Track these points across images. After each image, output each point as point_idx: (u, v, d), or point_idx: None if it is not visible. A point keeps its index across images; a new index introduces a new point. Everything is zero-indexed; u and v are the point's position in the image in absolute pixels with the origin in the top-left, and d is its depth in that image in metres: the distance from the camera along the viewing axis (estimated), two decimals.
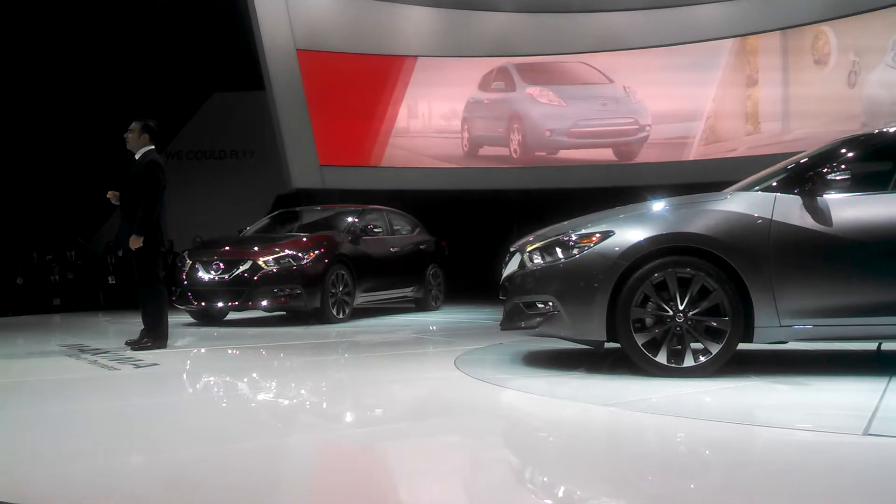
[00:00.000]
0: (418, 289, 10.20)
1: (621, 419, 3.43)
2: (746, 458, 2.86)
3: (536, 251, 4.57)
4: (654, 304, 4.17)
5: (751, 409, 3.57)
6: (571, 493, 2.53)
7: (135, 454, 2.99)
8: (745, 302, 4.09)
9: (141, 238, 6.11)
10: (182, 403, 4.22)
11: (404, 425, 3.58)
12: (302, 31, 15.29)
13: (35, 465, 2.79)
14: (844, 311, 4.06)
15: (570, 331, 4.40)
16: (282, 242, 8.64)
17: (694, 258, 4.15)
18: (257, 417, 3.82)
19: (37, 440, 3.20)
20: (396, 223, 10.38)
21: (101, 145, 14.96)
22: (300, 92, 15.22)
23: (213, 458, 2.87)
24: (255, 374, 5.23)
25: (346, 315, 8.68)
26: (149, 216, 6.14)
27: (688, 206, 4.38)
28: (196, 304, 8.48)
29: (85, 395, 4.36)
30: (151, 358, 5.63)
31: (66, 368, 5.33)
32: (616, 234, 4.28)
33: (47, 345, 6.97)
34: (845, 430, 3.02)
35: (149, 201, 6.15)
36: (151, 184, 6.19)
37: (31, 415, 3.76)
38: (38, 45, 15.95)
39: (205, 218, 15.88)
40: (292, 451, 3.12)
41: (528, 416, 3.74)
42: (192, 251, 8.94)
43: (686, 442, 3.06)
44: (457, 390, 4.31)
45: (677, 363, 4.14)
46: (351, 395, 4.46)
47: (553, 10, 15.81)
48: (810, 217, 4.11)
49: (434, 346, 6.71)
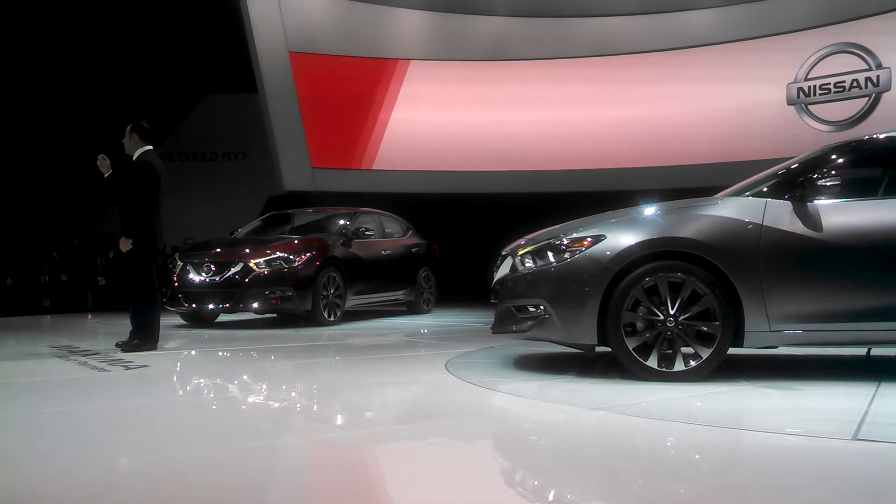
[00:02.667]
0: (410, 292, 10.20)
1: (612, 423, 3.43)
2: (736, 462, 2.87)
3: (528, 255, 4.57)
4: (645, 308, 4.18)
5: (741, 413, 3.58)
6: (562, 496, 2.53)
7: (125, 456, 2.98)
8: (736, 306, 4.10)
9: (130, 240, 6.08)
10: (172, 405, 4.20)
11: (395, 428, 3.58)
12: (295, 34, 15.29)
13: (25, 467, 2.77)
14: (834, 316, 4.08)
15: (561, 334, 4.40)
16: (273, 245, 8.63)
17: (685, 263, 4.16)
18: (248, 420, 3.81)
19: (26, 442, 3.18)
20: (388, 226, 10.38)
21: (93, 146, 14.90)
22: (293, 94, 15.22)
23: (203, 460, 2.86)
24: (245, 377, 5.21)
25: (337, 317, 8.67)
26: (138, 218, 6.10)
27: (679, 210, 4.39)
28: (187, 305, 8.45)
29: (75, 397, 4.33)
30: (141, 360, 5.60)
31: (56, 370, 5.29)
32: (608, 238, 4.29)
33: (37, 346, 6.93)
34: (835, 434, 3.03)
35: (137, 203, 6.12)
36: (140, 185, 6.14)
37: (21, 416, 3.74)
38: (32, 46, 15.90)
39: (196, 219, 15.85)
40: (283, 453, 3.11)
41: (519, 420, 3.74)
42: (184, 253, 8.92)
43: (676, 446, 3.07)
44: (447, 393, 4.31)
45: (668, 367, 4.15)
46: (341, 397, 4.45)
47: (546, 14, 15.86)
48: (801, 222, 4.13)
49: (425, 349, 6.70)
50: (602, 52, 15.59)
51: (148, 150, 6.28)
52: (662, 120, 15.23)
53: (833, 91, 14.01)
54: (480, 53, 15.95)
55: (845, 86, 13.87)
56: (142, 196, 6.12)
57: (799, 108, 14.29)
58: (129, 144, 6.30)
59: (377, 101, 15.82)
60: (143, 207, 6.12)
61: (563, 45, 15.79)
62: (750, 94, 14.65)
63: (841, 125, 13.75)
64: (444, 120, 15.86)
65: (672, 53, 15.31)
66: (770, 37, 14.53)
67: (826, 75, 14.08)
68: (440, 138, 15.76)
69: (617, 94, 15.52)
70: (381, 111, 15.85)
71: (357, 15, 15.82)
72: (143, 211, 6.11)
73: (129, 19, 16.61)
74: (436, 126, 15.83)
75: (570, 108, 15.74)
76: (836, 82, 13.96)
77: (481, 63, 15.94)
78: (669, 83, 15.24)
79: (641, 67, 15.38)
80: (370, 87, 15.78)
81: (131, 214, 6.13)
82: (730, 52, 14.88)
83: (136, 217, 6.11)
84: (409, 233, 10.71)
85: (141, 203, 6.12)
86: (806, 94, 14.25)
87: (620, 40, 15.51)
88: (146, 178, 6.15)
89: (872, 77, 13.62)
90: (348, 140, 15.70)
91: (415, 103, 15.92)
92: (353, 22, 15.81)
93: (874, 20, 13.66)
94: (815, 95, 14.18)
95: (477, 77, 15.91)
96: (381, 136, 15.80)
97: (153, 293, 6.22)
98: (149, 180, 6.15)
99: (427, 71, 15.96)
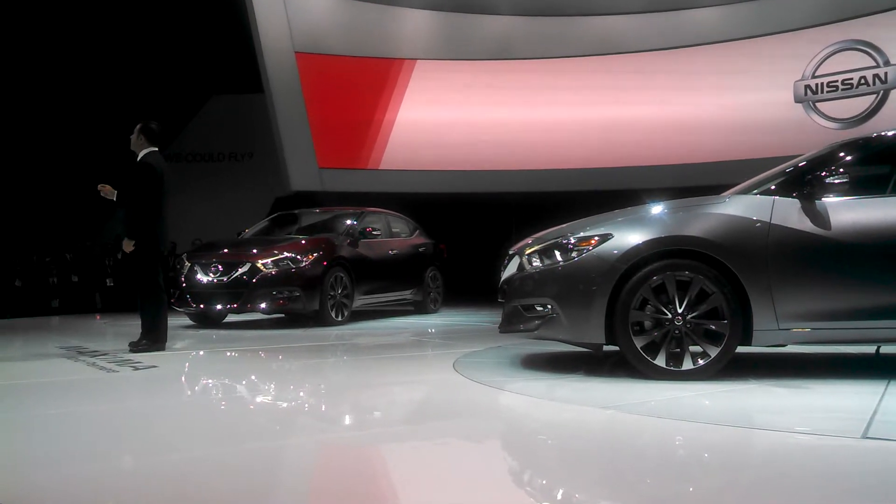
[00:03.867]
0: (417, 291, 10.20)
1: (620, 422, 3.43)
2: (745, 461, 2.86)
3: (535, 254, 4.57)
4: (653, 307, 4.17)
5: (749, 412, 3.57)
6: (570, 495, 2.52)
7: (133, 456, 2.99)
8: (744, 305, 4.09)
9: (132, 242, 6.09)
10: (180, 406, 4.22)
11: (403, 428, 3.58)
12: (301, 34, 15.31)
13: (34, 467, 2.78)
14: (843, 314, 4.06)
15: (568, 334, 4.40)
16: (281, 245, 8.64)
17: (692, 261, 4.15)
18: (256, 420, 3.81)
19: (35, 442, 3.19)
20: (395, 226, 10.38)
21: (101, 147, 14.97)
22: (299, 94, 15.24)
23: (211, 461, 2.86)
24: (253, 377, 5.22)
25: (344, 317, 8.68)
26: (140, 219, 6.12)
27: (686, 209, 4.38)
28: (195, 306, 8.48)
29: (84, 398, 4.35)
30: (150, 360, 5.62)
31: (64, 370, 5.32)
32: (615, 237, 4.29)
33: (46, 347, 6.96)
34: (844, 433, 3.02)
35: (138, 204, 6.14)
36: (141, 186, 6.16)
37: (30, 417, 3.76)
38: (38, 48, 15.96)
39: (203, 220, 15.90)
40: (291, 453, 3.12)
41: (527, 419, 3.74)
42: (191, 253, 8.94)
43: (684, 445, 3.06)
44: (455, 393, 4.30)
45: (676, 366, 4.15)
46: (349, 397, 4.45)
47: (551, 13, 15.84)
48: (809, 220, 4.11)
49: (433, 348, 6.70)
50: (609, 50, 15.56)
51: (152, 152, 6.29)
52: (669, 118, 15.18)
53: (841, 88, 13.94)
54: (486, 53, 15.94)
55: (853, 83, 13.80)
56: (142, 197, 6.14)
57: (806, 106, 14.24)
58: (136, 144, 6.32)
59: (383, 101, 15.83)
60: (144, 208, 6.13)
61: (569, 44, 15.77)
62: (757, 92, 14.60)
63: (849, 122, 13.69)
64: (451, 119, 15.85)
65: (679, 52, 15.27)
66: (777, 34, 14.48)
67: (834, 73, 14.01)
68: (447, 138, 15.75)
69: (624, 93, 15.48)
70: (388, 111, 15.85)
71: (363, 15, 15.83)
72: (144, 212, 6.12)
73: (135, 21, 16.66)
74: (442, 125, 15.82)
75: (577, 106, 15.71)
76: (844, 79, 13.90)
77: (487, 62, 15.92)
78: (676, 81, 15.20)
79: (648, 66, 15.34)
80: (376, 87, 15.78)
81: (133, 216, 6.16)
82: (737, 50, 14.83)
83: (137, 218, 6.13)
84: (416, 232, 10.71)
85: (142, 204, 6.13)
86: (813, 91, 14.19)
87: (627, 39, 15.47)
88: (147, 179, 6.16)
89: (880, 74, 13.55)
90: (355, 140, 15.72)
91: (421, 103, 15.92)
92: (359, 22, 15.82)
93: (882, 17, 13.59)
94: (822, 93, 14.12)
95: (483, 76, 15.90)
96: (387, 136, 15.80)
97: (158, 294, 6.22)
98: (149, 181, 6.16)
99: (433, 70, 15.96)
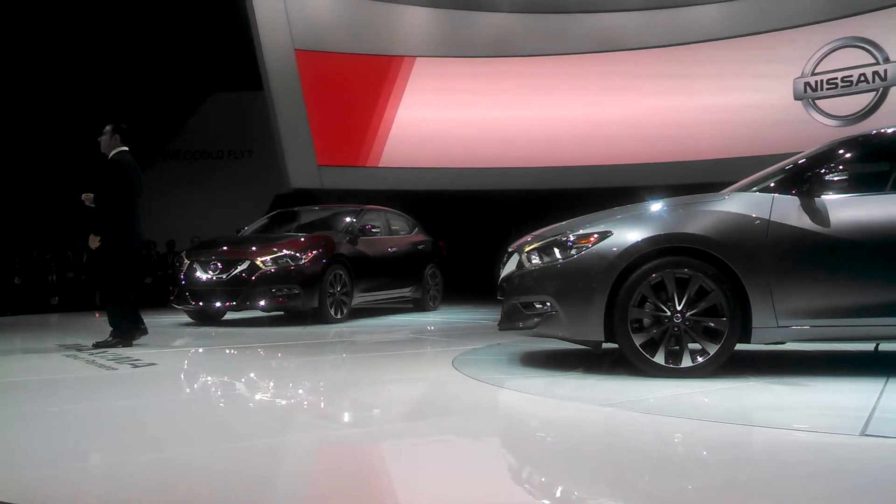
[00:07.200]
0: (416, 289, 10.20)
1: (619, 419, 3.43)
2: (744, 458, 2.86)
3: (534, 251, 4.57)
4: (652, 304, 4.18)
5: (748, 409, 3.57)
6: (569, 493, 2.53)
7: (132, 454, 2.98)
8: (743, 302, 4.09)
9: (98, 238, 6.17)
10: (179, 403, 4.22)
11: (402, 425, 3.58)
12: (300, 32, 15.29)
13: (32, 465, 2.78)
14: (842, 311, 4.07)
15: (567, 331, 4.40)
16: (280, 242, 8.64)
17: (692, 259, 4.15)
18: (255, 417, 3.82)
19: (34, 440, 3.19)
20: (394, 223, 10.38)
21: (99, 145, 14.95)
22: (298, 92, 15.22)
23: (210, 458, 2.86)
24: (252, 374, 5.22)
25: (343, 315, 8.68)
26: (108, 216, 6.19)
27: (686, 206, 4.38)
28: (194, 304, 8.48)
29: (82, 395, 4.35)
30: (149, 358, 5.63)
31: (63, 368, 5.32)
32: (614, 234, 4.29)
33: (45, 344, 6.96)
34: (843, 430, 3.02)
35: (109, 202, 6.21)
36: (111, 184, 6.25)
37: (29, 414, 3.76)
38: (37, 45, 15.94)
39: (203, 217, 15.88)
40: (290, 451, 3.12)
41: (526, 417, 3.74)
42: (190, 251, 8.95)
43: (684, 442, 3.06)
44: (454, 390, 4.31)
45: (675, 364, 4.15)
46: (349, 395, 4.45)
47: (550, 10, 15.82)
48: (808, 218, 4.12)
49: (432, 346, 6.71)
50: (608, 47, 15.54)
51: (122, 151, 6.38)
52: (669, 116, 15.17)
53: (840, 86, 13.93)
54: (486, 50, 15.92)
55: (852, 80, 13.79)
56: (113, 195, 6.23)
57: (806, 103, 14.22)
58: (108, 144, 6.40)
59: (383, 99, 15.81)
60: (115, 206, 6.21)
61: (568, 41, 15.75)
62: (756, 90, 14.58)
63: (848, 120, 13.68)
64: (450, 117, 15.83)
65: (678, 49, 15.25)
66: (776, 31, 14.47)
67: (833, 70, 13.99)
68: (446, 135, 15.74)
69: (623, 90, 15.46)
70: (387, 108, 15.83)
71: (362, 12, 15.81)
72: (114, 210, 6.20)
73: (135, 18, 16.63)
74: (442, 123, 15.80)
75: (576, 104, 15.70)
76: (844, 77, 13.88)
77: (487, 59, 15.90)
78: (675, 79, 15.18)
79: (647, 63, 15.32)
80: (376, 84, 15.77)
81: (103, 213, 6.24)
82: (736, 48, 14.81)
83: (107, 216, 6.21)
84: (415, 230, 10.71)
85: (112, 202, 6.21)
86: (813, 88, 14.18)
87: (626, 36, 15.45)
88: (117, 177, 6.26)
89: (880, 71, 13.54)
90: (354, 137, 15.70)
91: (421, 100, 15.90)
92: (359, 19, 15.80)
93: (881, 14, 13.58)
94: (822, 90, 14.10)
95: (482, 73, 15.88)
96: (387, 134, 15.79)
97: (120, 291, 6.25)
98: (120, 179, 6.26)
99: (432, 68, 15.94)
